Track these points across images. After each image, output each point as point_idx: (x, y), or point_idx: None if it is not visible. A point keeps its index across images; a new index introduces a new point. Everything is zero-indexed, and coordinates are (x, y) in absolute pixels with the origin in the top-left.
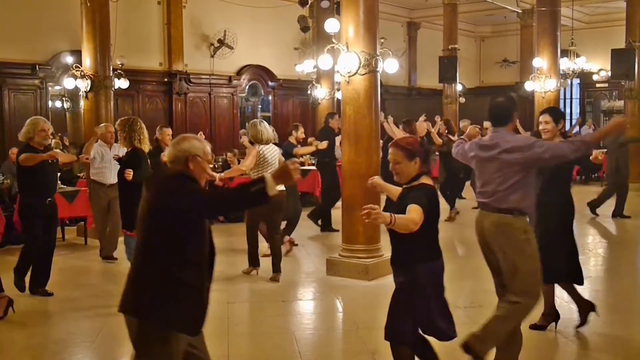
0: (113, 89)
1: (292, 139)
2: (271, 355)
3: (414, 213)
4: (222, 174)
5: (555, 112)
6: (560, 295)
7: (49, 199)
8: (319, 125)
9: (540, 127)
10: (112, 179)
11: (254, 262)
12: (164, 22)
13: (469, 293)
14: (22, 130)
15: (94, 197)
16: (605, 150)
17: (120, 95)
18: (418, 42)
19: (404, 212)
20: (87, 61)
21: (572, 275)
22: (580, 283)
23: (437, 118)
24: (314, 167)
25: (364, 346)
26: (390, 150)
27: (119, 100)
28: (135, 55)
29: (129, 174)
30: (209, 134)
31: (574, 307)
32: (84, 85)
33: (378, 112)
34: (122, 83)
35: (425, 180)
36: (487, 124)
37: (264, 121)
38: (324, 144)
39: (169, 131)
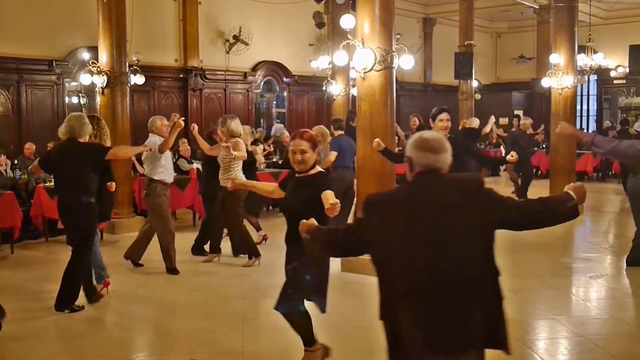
0: (129, 85)
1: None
2: (286, 351)
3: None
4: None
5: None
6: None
7: None
8: None
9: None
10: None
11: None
12: (179, 18)
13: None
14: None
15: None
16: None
17: (136, 91)
18: (433, 38)
19: (305, 199)
20: (104, 57)
21: None
22: None
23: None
24: None
25: (380, 343)
26: (297, 142)
27: (135, 96)
28: (151, 52)
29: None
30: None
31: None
32: (100, 81)
33: (394, 109)
34: (138, 79)
35: (319, 168)
36: (503, 120)
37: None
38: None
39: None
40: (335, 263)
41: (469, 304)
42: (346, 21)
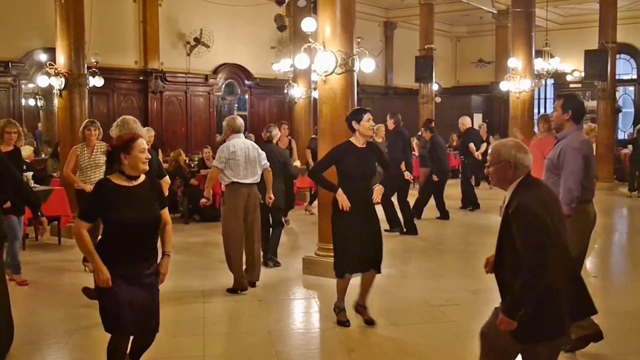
0: (88, 87)
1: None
2: (247, 355)
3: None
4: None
5: None
6: None
7: None
8: (296, 124)
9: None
10: None
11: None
12: (139, 20)
13: (444, 292)
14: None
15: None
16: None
17: (95, 94)
18: (394, 41)
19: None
20: (61, 59)
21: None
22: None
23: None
24: None
25: (341, 345)
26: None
27: (94, 99)
28: (111, 54)
29: None
30: (185, 132)
31: None
32: (57, 83)
33: None
34: (97, 81)
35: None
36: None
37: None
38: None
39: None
40: (298, 265)
41: None
42: (307, 24)
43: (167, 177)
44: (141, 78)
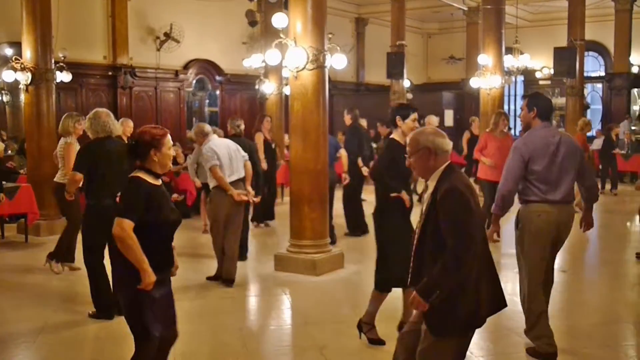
0: (55, 82)
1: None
2: (218, 352)
3: None
4: None
5: None
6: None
7: None
8: None
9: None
10: None
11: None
12: (108, 14)
13: None
14: None
15: None
16: None
17: (63, 89)
18: (366, 38)
19: None
20: (28, 53)
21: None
22: None
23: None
24: None
25: (312, 341)
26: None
27: (61, 94)
28: (78, 48)
29: None
30: None
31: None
32: (24, 78)
33: (326, 108)
34: (65, 76)
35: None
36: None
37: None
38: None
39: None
40: (270, 261)
41: None
42: (278, 20)
43: None
44: (110, 73)
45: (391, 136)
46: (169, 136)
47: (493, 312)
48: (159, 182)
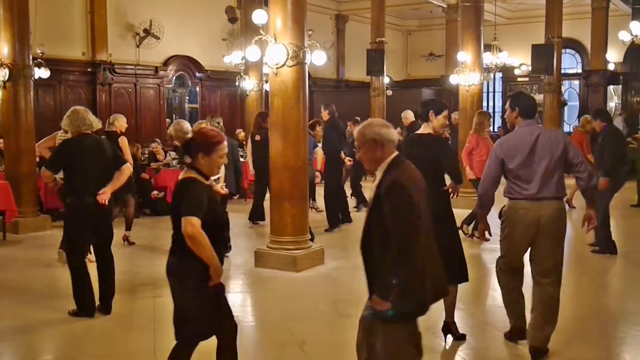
0: (33, 78)
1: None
2: (198, 349)
3: None
4: None
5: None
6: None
7: None
8: (247, 117)
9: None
10: None
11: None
12: (87, 10)
13: None
14: None
15: None
16: None
17: (41, 86)
18: (346, 34)
19: None
20: (5, 49)
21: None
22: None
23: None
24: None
25: (292, 337)
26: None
27: (40, 91)
28: (57, 44)
29: None
30: (134, 125)
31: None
32: (1, 74)
33: (306, 104)
34: (43, 73)
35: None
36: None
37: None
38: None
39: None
40: (250, 257)
41: None
42: (258, 16)
43: (128, 164)
44: (89, 70)
45: (420, 131)
46: (224, 144)
47: (435, 300)
48: (207, 181)
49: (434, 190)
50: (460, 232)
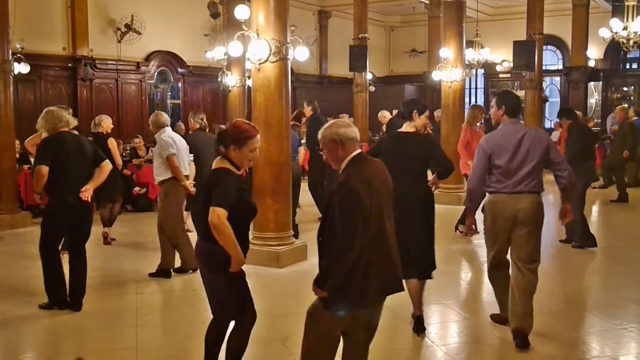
0: (12, 73)
1: None
2: (182, 345)
3: None
4: None
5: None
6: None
7: None
8: (230, 113)
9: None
10: None
11: None
12: (67, 4)
13: None
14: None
15: None
16: None
17: (21, 81)
18: (329, 30)
19: None
20: None
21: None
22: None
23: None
24: None
25: (275, 333)
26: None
27: (20, 86)
28: (37, 39)
29: None
30: (115, 121)
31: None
32: None
33: (289, 100)
34: (23, 68)
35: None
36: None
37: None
38: None
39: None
40: None
41: None
42: (240, 12)
43: (107, 161)
44: (70, 65)
45: (401, 129)
46: (256, 138)
47: (385, 295)
48: (239, 172)
49: (416, 185)
50: (457, 232)
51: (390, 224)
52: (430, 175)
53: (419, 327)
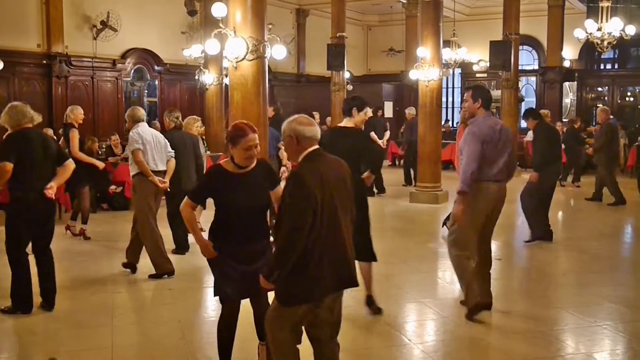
0: None
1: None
2: (158, 344)
3: None
4: None
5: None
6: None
7: None
8: (207, 111)
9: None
10: None
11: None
12: (42, 1)
13: None
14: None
15: None
16: None
17: None
18: (307, 29)
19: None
20: None
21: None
22: (374, 260)
23: None
24: None
25: (253, 332)
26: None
27: None
28: (11, 36)
29: None
30: (91, 118)
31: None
32: None
33: (266, 98)
34: None
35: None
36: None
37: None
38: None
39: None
40: None
41: None
42: (218, 9)
43: (71, 160)
44: (44, 62)
45: (341, 124)
46: (250, 137)
47: (338, 290)
48: (240, 170)
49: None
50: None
51: (345, 220)
52: None
53: (370, 305)
